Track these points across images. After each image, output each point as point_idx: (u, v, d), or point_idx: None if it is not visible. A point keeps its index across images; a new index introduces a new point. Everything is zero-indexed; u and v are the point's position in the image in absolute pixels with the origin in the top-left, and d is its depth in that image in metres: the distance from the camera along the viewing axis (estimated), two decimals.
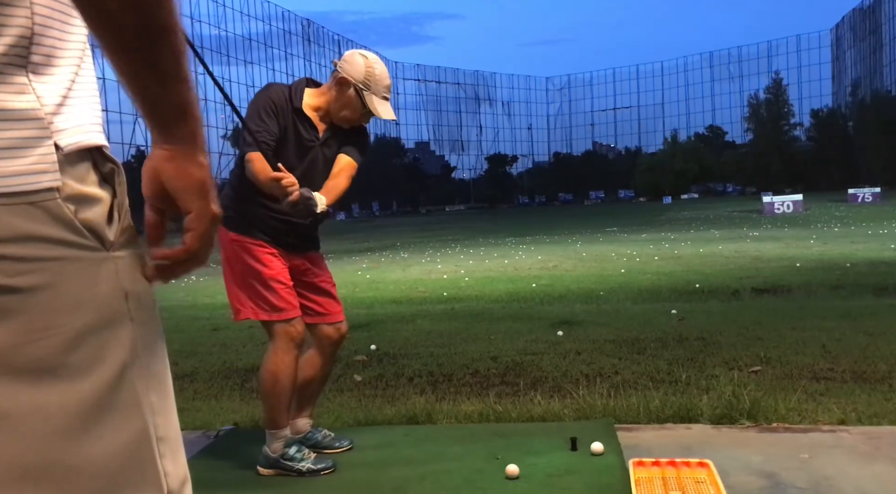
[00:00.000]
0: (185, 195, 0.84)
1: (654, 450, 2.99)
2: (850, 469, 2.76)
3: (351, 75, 2.90)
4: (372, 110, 2.91)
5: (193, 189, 0.84)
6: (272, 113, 2.84)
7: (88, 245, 0.76)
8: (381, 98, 2.94)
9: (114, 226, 0.81)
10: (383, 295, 9.43)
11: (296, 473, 2.94)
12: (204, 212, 0.85)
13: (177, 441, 0.85)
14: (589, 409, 3.61)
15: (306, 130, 2.93)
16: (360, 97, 2.90)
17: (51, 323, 0.72)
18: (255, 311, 2.90)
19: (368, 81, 2.90)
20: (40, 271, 0.72)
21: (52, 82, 0.76)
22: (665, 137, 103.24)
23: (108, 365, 0.76)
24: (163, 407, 0.83)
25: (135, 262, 0.83)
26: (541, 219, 44.32)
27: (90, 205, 0.77)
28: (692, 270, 11.02)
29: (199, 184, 0.84)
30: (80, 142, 0.77)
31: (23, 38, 0.73)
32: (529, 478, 2.77)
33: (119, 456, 0.76)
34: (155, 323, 0.85)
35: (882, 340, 5.02)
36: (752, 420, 3.36)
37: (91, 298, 0.76)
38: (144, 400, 0.79)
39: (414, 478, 2.84)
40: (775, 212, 33.91)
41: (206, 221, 0.86)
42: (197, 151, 0.84)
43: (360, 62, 2.92)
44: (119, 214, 0.82)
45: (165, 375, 0.86)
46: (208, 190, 0.85)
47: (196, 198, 0.85)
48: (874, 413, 3.40)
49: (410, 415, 3.66)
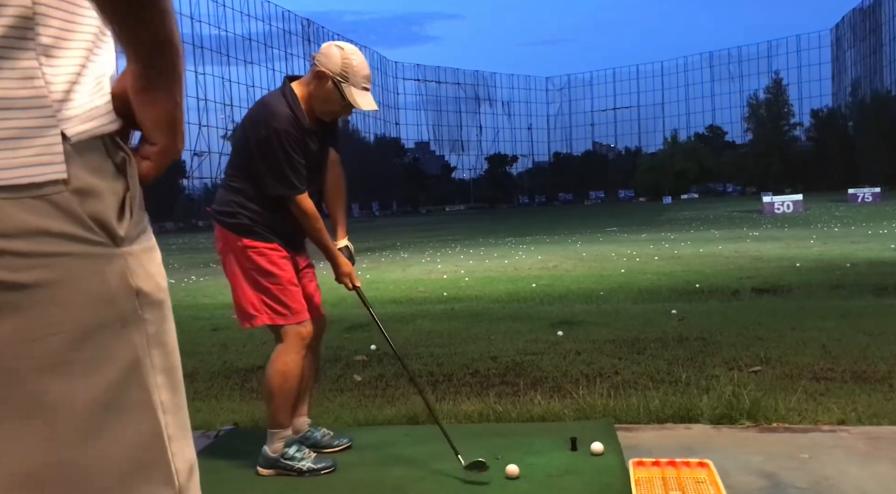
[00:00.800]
0: (153, 128, 0.81)
1: (654, 450, 2.99)
2: (850, 469, 2.76)
3: (328, 68, 2.87)
4: (351, 102, 2.88)
5: (163, 123, 0.81)
6: (298, 147, 2.88)
7: (97, 240, 0.74)
8: (360, 89, 2.90)
9: (125, 219, 0.78)
10: (383, 295, 9.43)
11: (296, 472, 2.94)
12: (169, 148, 0.83)
13: (186, 436, 0.84)
14: (589, 409, 3.61)
15: (314, 143, 2.96)
16: (338, 89, 2.88)
17: (56, 319, 0.71)
18: (271, 316, 2.91)
19: (346, 73, 2.87)
20: (45, 267, 0.70)
21: (62, 65, 0.73)
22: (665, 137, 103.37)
23: (117, 363, 0.75)
24: (174, 405, 0.81)
25: (148, 257, 0.81)
26: (541, 219, 44.30)
27: (100, 197, 0.75)
28: (692, 270, 11.01)
29: (170, 119, 0.81)
30: (90, 130, 0.75)
31: (24, 19, 0.70)
32: (529, 478, 2.77)
33: (131, 456, 0.75)
34: (167, 319, 0.83)
35: (882, 340, 5.02)
36: (752, 420, 3.36)
37: (99, 295, 0.74)
38: (156, 399, 0.78)
39: (414, 478, 2.85)
40: (775, 212, 33.89)
41: (168, 158, 0.83)
42: (173, 85, 0.79)
43: (337, 54, 2.89)
44: (131, 207, 0.80)
45: (177, 372, 0.84)
46: (178, 126, 0.82)
47: (164, 133, 0.81)
48: (874, 413, 3.40)
49: (410, 415, 3.67)
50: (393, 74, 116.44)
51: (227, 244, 2.95)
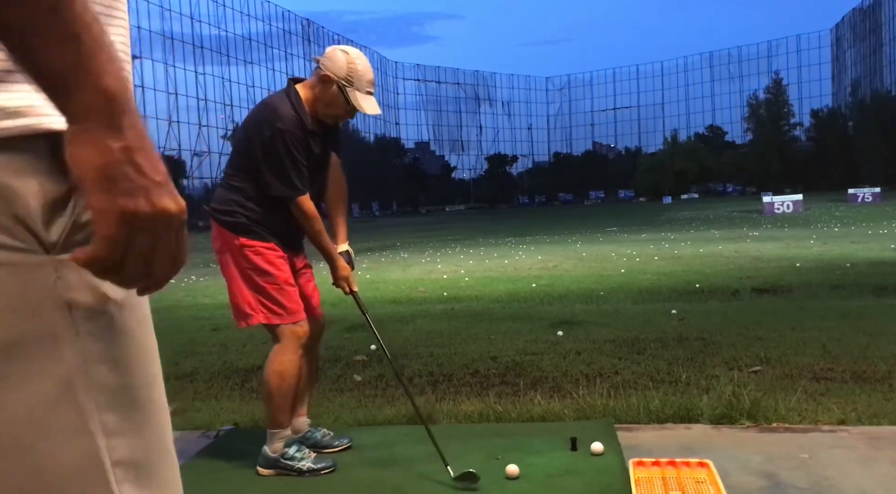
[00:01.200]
0: (84, 186, 0.65)
1: (654, 450, 2.99)
2: (850, 469, 2.76)
3: (333, 72, 2.89)
4: (356, 106, 2.91)
5: (92, 179, 0.64)
6: (302, 148, 2.89)
7: (17, 246, 0.67)
8: (364, 93, 2.92)
9: (58, 224, 0.69)
10: (383, 295, 9.43)
11: (296, 472, 2.94)
12: (104, 208, 0.64)
13: (153, 464, 0.76)
14: (589, 409, 3.61)
15: (316, 145, 2.97)
16: (343, 93, 2.90)
17: None
18: (266, 316, 2.91)
19: (351, 77, 2.89)
20: None
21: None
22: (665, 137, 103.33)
23: (45, 380, 0.68)
24: (127, 428, 0.73)
25: None
26: (541, 219, 44.30)
27: (26, 198, 0.67)
28: (692, 270, 11.00)
29: (99, 172, 0.64)
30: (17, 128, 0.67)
31: None
32: (529, 478, 2.77)
33: (59, 481, 0.69)
34: (124, 333, 0.75)
35: (882, 340, 5.02)
36: (752, 420, 3.36)
37: (19, 307, 0.67)
38: (94, 420, 0.71)
39: (414, 478, 2.85)
40: (775, 212, 33.88)
41: (111, 222, 0.64)
42: (103, 130, 0.64)
43: (342, 58, 2.91)
44: (76, 210, 0.71)
45: (136, 391, 0.75)
46: (114, 180, 0.64)
47: (95, 190, 0.64)
48: (874, 413, 3.40)
49: (410, 415, 3.66)
50: (393, 74, 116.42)
51: (224, 243, 2.95)
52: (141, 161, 0.65)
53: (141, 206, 0.65)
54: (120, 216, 0.64)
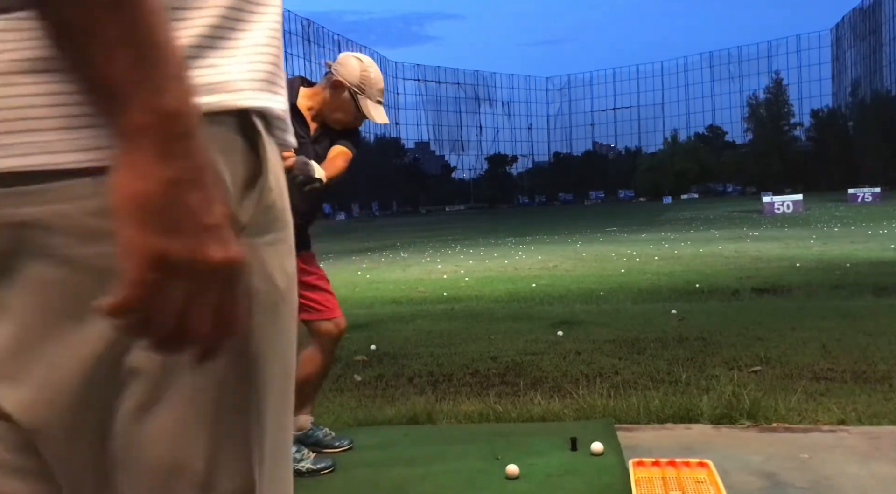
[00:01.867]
0: (116, 216, 0.55)
1: (654, 450, 2.99)
2: (850, 469, 2.76)
3: (346, 78, 2.89)
4: (366, 114, 2.91)
5: (126, 209, 0.54)
6: None
7: None
8: (375, 102, 2.94)
9: (247, 205, 0.66)
10: (383, 295, 9.43)
11: (295, 473, 2.94)
12: (134, 246, 0.54)
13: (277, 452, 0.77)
14: (589, 409, 3.61)
15: (299, 126, 2.95)
16: (354, 100, 2.90)
17: None
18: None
19: (363, 85, 2.89)
20: None
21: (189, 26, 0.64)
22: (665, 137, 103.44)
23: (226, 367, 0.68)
24: None
25: None
26: (541, 219, 44.32)
27: (226, 176, 0.65)
28: (692, 270, 11.01)
29: (135, 202, 0.54)
30: (215, 103, 0.64)
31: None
32: (529, 478, 2.77)
33: None
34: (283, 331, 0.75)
35: (882, 340, 5.02)
36: (752, 420, 3.36)
37: None
38: None
39: (414, 478, 2.84)
40: (775, 212, 33.90)
41: (139, 263, 0.54)
42: (151, 156, 0.54)
43: (356, 65, 2.91)
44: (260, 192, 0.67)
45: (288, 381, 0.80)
46: (151, 215, 0.54)
47: (128, 222, 0.54)
48: (874, 413, 3.40)
49: (410, 415, 3.66)
50: (393, 74, 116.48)
51: None
52: (191, 198, 0.55)
53: (176, 249, 0.55)
54: (150, 257, 0.54)
